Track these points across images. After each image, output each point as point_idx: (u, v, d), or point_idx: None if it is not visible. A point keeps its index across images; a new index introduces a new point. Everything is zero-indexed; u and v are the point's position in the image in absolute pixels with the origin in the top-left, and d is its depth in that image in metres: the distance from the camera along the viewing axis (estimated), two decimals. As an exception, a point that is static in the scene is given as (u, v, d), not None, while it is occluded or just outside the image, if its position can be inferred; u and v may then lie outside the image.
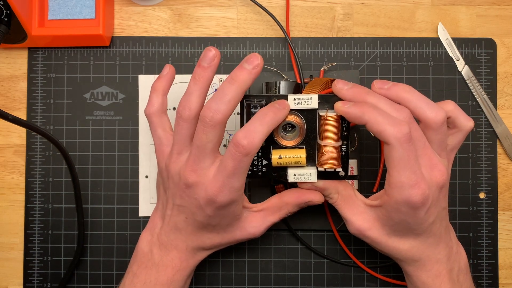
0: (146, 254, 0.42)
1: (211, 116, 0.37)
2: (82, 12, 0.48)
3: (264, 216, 0.43)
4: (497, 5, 0.51)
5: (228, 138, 0.50)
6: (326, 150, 0.40)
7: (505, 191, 0.50)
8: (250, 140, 0.36)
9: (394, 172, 0.37)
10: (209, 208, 0.39)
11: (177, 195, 0.40)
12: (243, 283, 0.50)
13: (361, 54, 0.51)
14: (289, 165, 0.41)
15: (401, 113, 0.37)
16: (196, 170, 0.38)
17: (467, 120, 0.40)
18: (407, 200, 0.37)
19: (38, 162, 0.50)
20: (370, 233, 0.41)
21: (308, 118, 0.41)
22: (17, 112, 0.50)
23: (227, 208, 0.39)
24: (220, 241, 0.42)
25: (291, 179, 0.41)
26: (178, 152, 0.40)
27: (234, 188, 0.38)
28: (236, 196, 0.38)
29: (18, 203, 0.50)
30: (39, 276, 0.50)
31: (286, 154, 0.40)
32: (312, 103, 0.40)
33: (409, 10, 0.51)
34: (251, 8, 0.51)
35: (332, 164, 0.40)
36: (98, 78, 0.51)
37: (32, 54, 0.51)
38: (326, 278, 0.50)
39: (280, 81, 0.47)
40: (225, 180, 0.37)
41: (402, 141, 0.36)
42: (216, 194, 0.38)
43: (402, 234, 0.40)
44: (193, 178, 0.38)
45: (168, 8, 0.51)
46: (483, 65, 0.50)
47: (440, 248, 0.41)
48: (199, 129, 0.38)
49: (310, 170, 0.41)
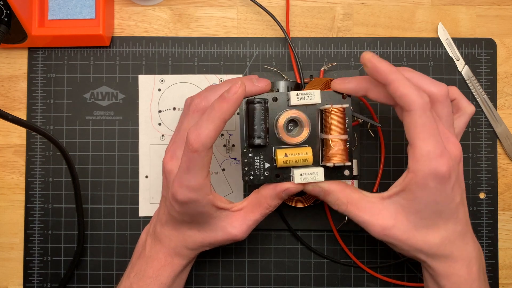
0: (142, 244, 0.43)
1: (198, 102, 0.38)
2: (82, 12, 0.48)
3: (245, 215, 0.41)
4: (497, 5, 0.51)
5: (228, 138, 0.50)
6: (334, 143, 0.39)
7: (505, 191, 0.50)
8: (195, 136, 0.35)
9: (419, 142, 0.35)
10: (175, 204, 0.38)
11: (163, 184, 0.41)
12: (243, 283, 0.50)
13: (361, 54, 0.50)
14: (295, 164, 0.39)
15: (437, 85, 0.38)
16: (171, 158, 0.39)
17: (469, 103, 0.40)
18: (435, 171, 0.35)
19: (38, 162, 0.50)
20: (395, 231, 0.38)
21: (310, 115, 0.40)
22: (17, 112, 0.50)
23: (190, 206, 0.38)
24: (202, 240, 0.41)
25: (298, 180, 0.39)
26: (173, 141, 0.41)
27: (191, 186, 0.36)
28: (195, 196, 0.37)
29: (18, 203, 0.50)
30: (39, 276, 0.50)
31: (292, 152, 0.39)
32: (315, 98, 0.39)
33: (409, 10, 0.51)
34: (251, 8, 0.51)
35: (341, 158, 0.39)
36: (98, 78, 0.51)
37: (32, 54, 0.51)
38: (326, 278, 0.50)
39: (280, 81, 0.47)
40: (182, 177, 0.36)
41: (425, 108, 0.35)
42: (176, 189, 0.37)
43: (430, 221, 0.37)
44: (167, 166, 0.39)
45: (168, 8, 0.51)
46: (483, 65, 0.50)
47: (467, 239, 0.39)
48: (183, 113, 0.39)
49: (317, 169, 0.39)
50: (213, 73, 0.50)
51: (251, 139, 0.39)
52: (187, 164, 0.36)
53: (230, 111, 0.35)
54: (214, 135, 0.35)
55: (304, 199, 0.48)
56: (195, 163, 0.36)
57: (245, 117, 0.40)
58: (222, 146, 0.50)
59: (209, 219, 0.40)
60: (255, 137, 0.39)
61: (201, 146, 0.35)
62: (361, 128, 0.50)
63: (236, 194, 0.50)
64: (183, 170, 0.36)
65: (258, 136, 0.39)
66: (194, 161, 0.35)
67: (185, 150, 0.36)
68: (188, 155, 0.35)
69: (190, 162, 0.35)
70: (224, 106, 0.35)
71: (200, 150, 0.35)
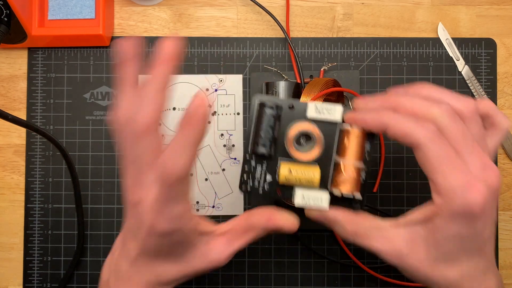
0: (104, 283, 0.37)
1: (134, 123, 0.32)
2: (82, 12, 0.48)
3: (229, 241, 0.36)
4: (497, 5, 0.51)
5: (228, 138, 0.50)
6: (346, 170, 0.35)
7: (505, 191, 0.50)
8: (172, 164, 0.31)
9: (438, 177, 0.31)
10: (153, 237, 0.33)
11: (128, 215, 0.35)
12: (243, 283, 0.50)
13: (361, 54, 0.51)
14: (298, 183, 0.35)
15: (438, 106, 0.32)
16: (138, 187, 0.33)
17: (503, 117, 0.35)
18: (465, 208, 0.31)
19: (38, 162, 0.50)
20: (411, 260, 0.33)
21: (326, 132, 0.35)
22: (17, 112, 0.50)
23: (171, 237, 0.33)
24: (177, 273, 0.36)
25: (299, 201, 0.35)
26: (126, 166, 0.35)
27: (173, 215, 0.32)
28: (178, 224, 0.33)
29: (18, 203, 0.50)
30: (39, 276, 0.50)
31: (298, 169, 0.35)
32: (335, 114, 0.35)
33: (409, 10, 0.51)
34: (251, 8, 0.51)
35: (350, 187, 0.35)
36: (98, 78, 0.51)
37: (32, 54, 0.51)
38: (326, 278, 0.50)
39: (280, 81, 0.47)
40: (162, 206, 0.32)
41: (433, 138, 0.31)
42: (156, 220, 0.32)
43: (452, 256, 0.33)
44: (135, 197, 0.33)
45: (168, 8, 0.51)
46: (483, 65, 0.50)
47: (490, 274, 0.34)
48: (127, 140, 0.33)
49: (322, 194, 0.35)
50: (213, 73, 0.50)
51: (255, 146, 0.36)
52: (167, 194, 0.32)
53: (202, 131, 0.32)
54: (192, 160, 0.32)
55: None
56: (176, 192, 0.32)
57: (254, 120, 0.36)
58: (222, 146, 0.50)
59: (189, 247, 0.35)
60: (260, 145, 0.36)
61: (181, 175, 0.31)
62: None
63: (236, 194, 0.50)
64: (161, 201, 0.32)
65: (263, 144, 0.36)
66: (174, 190, 0.32)
67: (162, 181, 0.31)
68: (166, 185, 0.31)
69: (169, 192, 0.32)
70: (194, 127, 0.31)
71: (179, 179, 0.31)
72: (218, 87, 0.50)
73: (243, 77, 0.50)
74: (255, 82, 0.50)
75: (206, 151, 0.50)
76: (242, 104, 0.50)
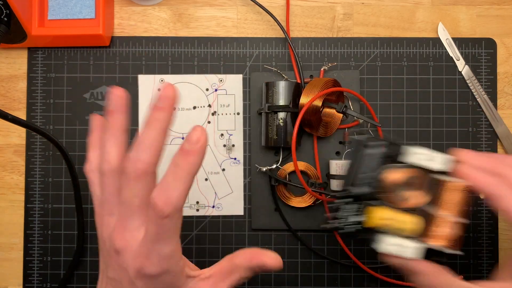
0: None
1: (133, 167, 0.31)
2: (82, 12, 0.48)
3: (213, 284, 0.35)
4: (497, 5, 0.51)
5: (228, 138, 0.50)
6: (444, 224, 0.33)
7: (505, 191, 0.50)
8: (165, 200, 0.30)
9: None
10: (139, 281, 0.32)
11: (109, 265, 0.34)
12: (243, 283, 0.49)
13: (361, 54, 0.50)
14: (387, 229, 0.33)
15: None
16: (123, 232, 0.32)
17: None
18: None
19: (38, 162, 0.50)
20: None
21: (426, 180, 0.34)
22: (17, 112, 0.50)
23: (161, 279, 0.32)
24: None
25: (383, 248, 0.33)
26: (108, 213, 0.34)
27: (163, 255, 0.31)
28: (168, 265, 0.32)
29: (18, 203, 0.50)
30: (39, 276, 0.50)
31: (394, 216, 0.33)
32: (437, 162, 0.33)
33: (409, 10, 0.51)
34: (251, 8, 0.51)
35: (448, 243, 0.33)
36: (98, 78, 0.51)
37: (32, 54, 0.51)
38: (326, 278, 0.50)
39: (280, 81, 0.47)
40: (151, 247, 0.31)
41: None
42: (143, 263, 0.31)
43: None
44: (120, 243, 0.32)
45: (168, 8, 0.51)
46: (483, 65, 0.50)
47: None
48: (122, 183, 0.32)
49: (409, 243, 0.33)
50: (213, 73, 0.50)
51: (351, 185, 0.34)
52: (157, 232, 0.31)
53: (198, 164, 0.31)
54: (185, 195, 0.31)
55: (304, 199, 0.48)
56: (167, 229, 0.31)
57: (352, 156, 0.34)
58: (222, 146, 0.50)
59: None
60: (357, 186, 0.33)
61: (173, 210, 0.30)
62: (362, 128, 0.50)
63: (236, 194, 0.50)
64: (150, 241, 0.31)
65: (360, 184, 0.34)
66: (165, 227, 0.31)
67: (153, 218, 0.31)
68: (158, 222, 0.30)
69: (160, 229, 0.31)
70: (191, 160, 0.30)
71: (172, 214, 0.30)
72: (218, 87, 0.50)
73: (243, 77, 0.50)
74: (255, 82, 0.50)
75: (206, 151, 0.50)
76: (242, 104, 0.50)
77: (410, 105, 0.50)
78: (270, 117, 0.47)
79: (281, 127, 0.46)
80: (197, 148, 0.30)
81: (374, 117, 0.49)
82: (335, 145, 0.49)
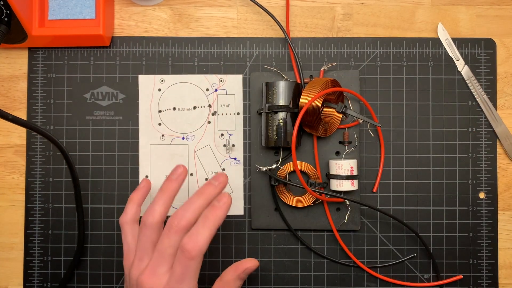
0: None
1: (177, 223, 0.38)
2: (82, 12, 0.48)
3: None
4: (497, 5, 0.51)
5: (228, 138, 0.50)
6: None
7: (505, 191, 0.50)
8: (193, 244, 0.37)
9: None
10: None
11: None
12: (243, 283, 0.50)
13: (361, 54, 0.51)
14: None
15: None
16: (152, 276, 0.39)
17: None
18: None
19: (38, 162, 0.50)
20: None
21: None
22: (17, 112, 0.50)
23: None
24: None
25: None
26: (139, 259, 0.40)
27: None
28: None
29: (18, 203, 0.50)
30: (39, 276, 0.50)
31: None
32: None
33: (409, 10, 0.51)
34: (251, 8, 0.51)
35: None
36: (98, 78, 0.51)
37: (32, 54, 0.51)
38: (326, 278, 0.50)
39: (280, 81, 0.47)
40: (174, 286, 0.38)
41: None
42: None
43: None
44: (148, 285, 0.38)
45: (168, 8, 0.51)
46: (483, 65, 0.50)
47: None
48: (164, 234, 0.39)
49: None
50: (213, 73, 0.51)
51: None
52: (182, 272, 0.37)
53: (223, 218, 0.39)
54: (209, 241, 0.38)
55: (304, 199, 0.49)
56: (191, 270, 0.38)
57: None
58: (222, 146, 0.50)
59: None
60: None
61: (199, 253, 0.37)
62: (361, 128, 0.50)
63: (236, 194, 0.50)
64: (176, 281, 0.38)
65: None
66: (190, 268, 0.37)
67: (181, 259, 0.37)
68: (185, 263, 0.37)
69: (185, 269, 0.37)
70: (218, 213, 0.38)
71: (197, 257, 0.37)
72: (218, 87, 0.50)
73: (243, 77, 0.50)
74: (255, 82, 0.50)
75: (206, 151, 0.50)
76: (242, 104, 0.50)
77: (409, 105, 0.50)
78: (270, 117, 0.47)
79: (281, 127, 0.47)
80: (223, 206, 0.39)
81: (373, 117, 0.49)
82: (335, 145, 0.49)
